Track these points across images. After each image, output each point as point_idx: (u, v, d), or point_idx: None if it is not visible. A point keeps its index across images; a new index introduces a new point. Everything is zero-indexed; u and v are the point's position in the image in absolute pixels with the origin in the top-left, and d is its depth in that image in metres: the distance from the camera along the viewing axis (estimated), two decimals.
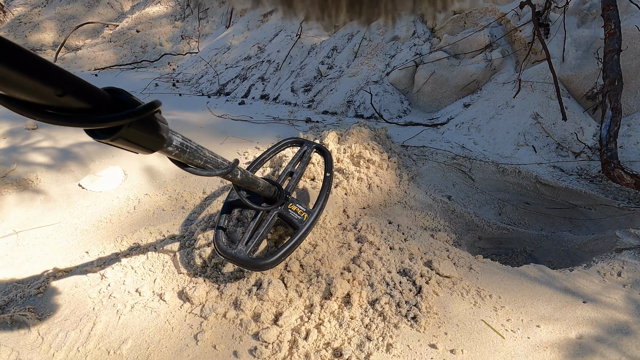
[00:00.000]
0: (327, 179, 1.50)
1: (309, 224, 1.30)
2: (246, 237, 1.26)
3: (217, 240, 1.26)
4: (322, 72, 3.75)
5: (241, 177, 1.02)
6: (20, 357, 1.07)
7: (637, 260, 1.48)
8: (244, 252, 1.20)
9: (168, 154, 0.72)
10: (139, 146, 0.60)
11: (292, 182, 1.49)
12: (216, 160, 0.88)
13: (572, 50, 2.76)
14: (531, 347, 1.08)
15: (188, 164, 0.79)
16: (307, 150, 1.65)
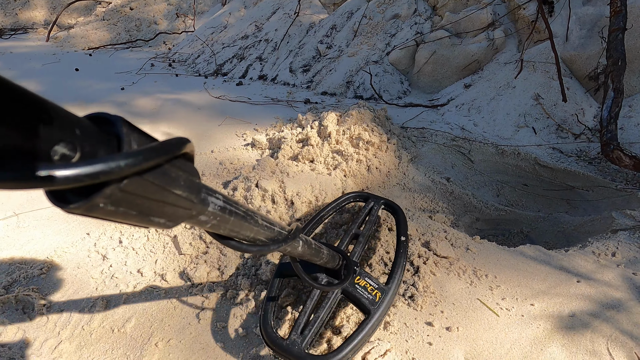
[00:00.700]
0: (402, 244, 1.20)
1: (383, 307, 1.01)
2: (301, 322, 0.98)
3: (265, 323, 0.98)
4: (321, 51, 3.68)
5: (302, 250, 0.76)
6: (26, 336, 1.10)
7: (632, 240, 1.51)
8: (299, 344, 0.93)
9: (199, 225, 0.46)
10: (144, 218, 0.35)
11: (358, 247, 1.19)
12: (273, 228, 0.61)
13: (576, 28, 2.70)
14: (525, 324, 1.11)
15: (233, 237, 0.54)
16: (373, 207, 1.35)
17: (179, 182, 0.36)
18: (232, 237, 0.54)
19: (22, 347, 1.07)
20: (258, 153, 2.11)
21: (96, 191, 0.28)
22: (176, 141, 0.34)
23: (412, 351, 1.03)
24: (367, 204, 1.36)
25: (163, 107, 2.63)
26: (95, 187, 0.28)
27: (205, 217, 0.45)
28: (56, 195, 0.30)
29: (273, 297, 1.06)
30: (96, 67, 4.04)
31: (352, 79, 3.25)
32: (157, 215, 0.36)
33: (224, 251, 1.36)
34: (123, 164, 0.28)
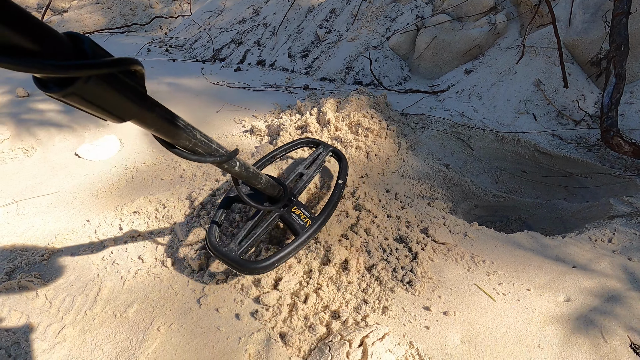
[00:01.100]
0: (339, 185, 1.37)
1: (310, 232, 1.18)
2: (240, 235, 1.16)
3: (210, 236, 1.17)
4: (320, 36, 3.62)
5: (239, 170, 0.91)
6: (30, 320, 1.12)
7: (628, 227, 1.52)
8: (235, 251, 1.11)
9: (146, 127, 0.61)
10: (102, 110, 0.50)
11: (300, 184, 1.37)
12: (210, 145, 0.77)
13: (580, 12, 2.66)
14: (521, 309, 1.13)
15: (175, 144, 0.68)
16: (322, 153, 1.52)
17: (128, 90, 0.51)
18: (175, 145, 0.69)
19: (26, 332, 1.09)
20: (257, 140, 2.10)
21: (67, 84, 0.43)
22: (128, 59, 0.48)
23: (410, 335, 1.06)
24: (317, 150, 1.53)
25: (161, 93, 2.60)
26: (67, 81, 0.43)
27: (151, 120, 0.59)
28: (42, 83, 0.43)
29: (215, 221, 1.23)
30: None
31: (352, 65, 3.21)
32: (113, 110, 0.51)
33: (224, 238, 1.37)
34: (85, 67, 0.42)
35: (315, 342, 1.05)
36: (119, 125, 2.21)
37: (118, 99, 0.50)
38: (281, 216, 1.23)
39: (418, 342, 1.03)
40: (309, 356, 1.01)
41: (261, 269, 1.08)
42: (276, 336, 1.07)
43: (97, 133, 2.15)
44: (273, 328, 1.09)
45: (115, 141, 2.09)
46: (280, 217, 1.23)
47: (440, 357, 1.00)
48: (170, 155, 1.99)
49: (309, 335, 1.06)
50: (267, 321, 1.11)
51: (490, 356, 1.01)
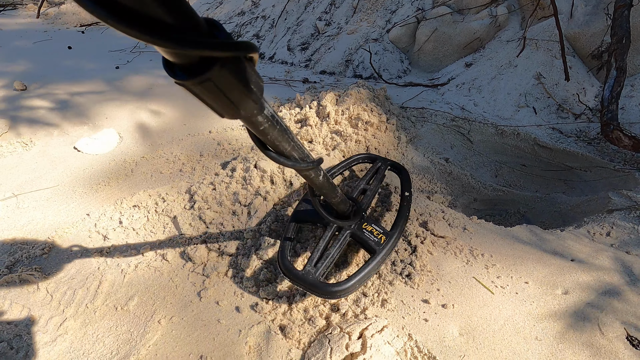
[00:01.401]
0: (406, 198, 1.33)
1: (387, 248, 1.14)
2: (315, 257, 1.10)
3: (283, 257, 1.11)
4: (319, 29, 3.59)
5: (323, 180, 0.87)
6: (31, 313, 1.12)
7: (627, 221, 1.52)
8: (313, 274, 1.05)
9: (254, 126, 0.56)
10: (226, 101, 0.46)
11: (365, 200, 1.32)
12: (303, 150, 0.72)
13: (582, 5, 2.63)
14: (519, 302, 1.14)
15: (271, 146, 0.64)
16: (381, 167, 1.49)
17: (252, 79, 0.47)
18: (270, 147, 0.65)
19: (27, 325, 1.09)
20: None
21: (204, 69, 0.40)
22: (249, 44, 0.42)
23: (409, 327, 1.06)
24: (375, 164, 1.50)
25: (159, 86, 2.59)
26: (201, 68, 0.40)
27: (262, 118, 0.56)
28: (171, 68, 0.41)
29: (289, 237, 1.19)
30: (89, 45, 3.94)
31: (352, 58, 3.19)
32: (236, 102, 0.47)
33: (223, 231, 1.37)
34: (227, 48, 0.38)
35: (315, 335, 1.05)
36: (117, 119, 2.20)
37: (244, 90, 0.46)
38: (353, 234, 1.17)
39: (417, 334, 1.04)
40: (309, 348, 1.02)
41: (343, 292, 1.03)
42: (276, 328, 1.08)
43: (95, 127, 2.15)
44: (273, 321, 1.10)
45: (114, 135, 2.08)
46: (353, 235, 1.17)
47: (439, 349, 1.01)
48: (170, 149, 1.98)
49: (309, 328, 1.07)
50: (267, 314, 1.12)
51: (488, 348, 1.02)
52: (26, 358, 1.01)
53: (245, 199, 1.47)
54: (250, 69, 0.46)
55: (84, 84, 2.59)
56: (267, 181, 1.54)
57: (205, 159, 1.88)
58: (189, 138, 2.07)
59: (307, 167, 0.74)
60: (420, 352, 1.00)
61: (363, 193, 1.37)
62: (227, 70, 0.41)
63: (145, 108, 2.31)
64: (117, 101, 2.38)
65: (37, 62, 3.09)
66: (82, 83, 2.60)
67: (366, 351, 0.95)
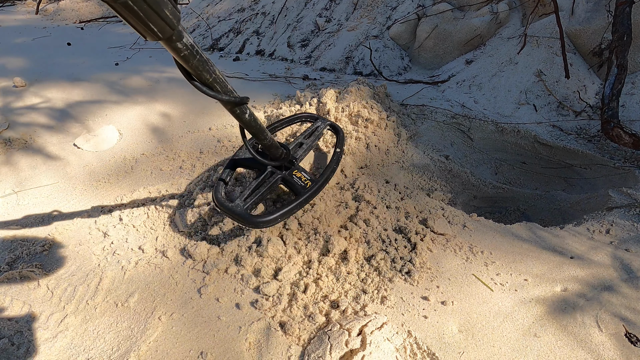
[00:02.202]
0: (337, 154, 1.48)
1: (311, 192, 1.26)
2: (245, 193, 1.24)
3: (217, 193, 1.23)
4: (319, 25, 3.58)
5: (249, 119, 0.96)
6: (32, 310, 1.13)
7: (626, 218, 1.52)
8: (241, 207, 1.18)
9: (176, 52, 0.65)
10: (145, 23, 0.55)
11: (301, 151, 1.47)
12: (226, 84, 0.80)
13: (583, 1, 2.62)
14: (518, 299, 1.14)
15: (195, 76, 0.72)
16: (320, 126, 1.63)
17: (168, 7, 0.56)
18: (195, 78, 0.72)
19: (28, 321, 1.10)
20: None
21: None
22: None
23: (408, 324, 1.07)
24: (315, 122, 1.66)
25: (159, 83, 2.58)
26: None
27: (181, 45, 0.64)
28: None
29: (222, 178, 1.31)
30: (89, 41, 3.93)
31: (352, 55, 3.18)
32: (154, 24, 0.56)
33: (223, 228, 1.38)
34: None
35: (315, 331, 1.06)
36: (117, 116, 2.20)
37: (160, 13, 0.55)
38: (283, 178, 1.31)
39: (416, 331, 1.05)
40: (309, 345, 1.02)
41: (265, 223, 1.13)
42: (276, 325, 1.08)
43: (95, 124, 2.14)
44: (273, 317, 1.10)
45: (114, 132, 2.08)
46: (283, 179, 1.31)
47: (438, 346, 1.01)
48: (170, 146, 1.98)
49: (309, 325, 1.07)
50: (267, 310, 1.12)
51: (487, 345, 1.02)
52: (27, 354, 1.02)
53: None
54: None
55: (83, 80, 2.59)
56: None
57: (205, 156, 1.88)
58: (188, 135, 2.07)
59: (229, 100, 0.81)
60: (419, 348, 1.01)
61: (300, 146, 1.52)
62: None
63: (146, 105, 2.30)
64: (116, 98, 2.37)
65: (37, 58, 3.08)
66: (82, 80, 2.59)
67: (366, 348, 0.96)
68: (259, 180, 1.29)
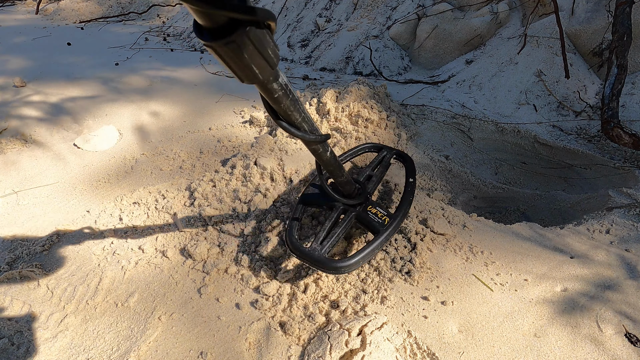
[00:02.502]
0: (411, 184, 1.38)
1: (390, 229, 1.17)
2: (321, 235, 1.15)
3: (290, 235, 1.15)
4: (319, 25, 3.58)
5: (330, 157, 0.91)
6: (32, 310, 1.13)
7: (626, 218, 1.52)
8: (319, 251, 1.10)
9: (269, 92, 0.60)
10: (247, 63, 0.49)
11: (371, 185, 1.38)
12: (312, 123, 0.76)
13: (583, 1, 2.62)
14: (518, 299, 1.14)
15: (283, 116, 0.68)
16: (386, 155, 1.53)
17: (270, 45, 0.51)
18: (283, 117, 0.69)
19: (28, 321, 1.10)
20: (256, 130, 2.09)
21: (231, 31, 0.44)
22: (268, 11, 0.47)
23: (408, 324, 1.07)
24: (381, 153, 1.55)
25: (159, 82, 2.58)
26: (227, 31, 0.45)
27: (277, 86, 0.60)
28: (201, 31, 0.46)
29: (296, 217, 1.23)
30: (89, 41, 3.93)
31: (352, 55, 3.18)
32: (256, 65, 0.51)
33: (223, 228, 1.37)
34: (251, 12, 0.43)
35: (315, 331, 1.06)
36: (117, 116, 2.20)
37: (263, 55, 0.50)
38: (358, 215, 1.21)
39: (416, 331, 1.05)
40: (309, 345, 1.02)
41: (347, 268, 1.07)
42: (276, 325, 1.08)
43: (95, 123, 2.14)
44: (273, 317, 1.10)
45: (114, 132, 2.08)
46: (357, 217, 1.22)
47: (438, 346, 1.01)
48: (170, 146, 1.98)
49: (309, 325, 1.07)
50: (267, 310, 1.12)
51: (487, 345, 1.02)
52: (27, 354, 1.02)
53: (245, 196, 1.47)
54: (269, 36, 0.50)
55: (83, 80, 2.59)
56: (267, 178, 1.54)
57: (205, 156, 1.88)
58: (189, 135, 2.07)
59: (316, 139, 0.78)
60: (419, 348, 1.01)
61: (368, 179, 1.41)
62: (249, 33, 0.45)
63: (146, 105, 2.30)
64: (116, 98, 2.37)
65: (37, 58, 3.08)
66: (82, 80, 2.59)
67: (366, 348, 0.96)
68: (332, 220, 1.19)
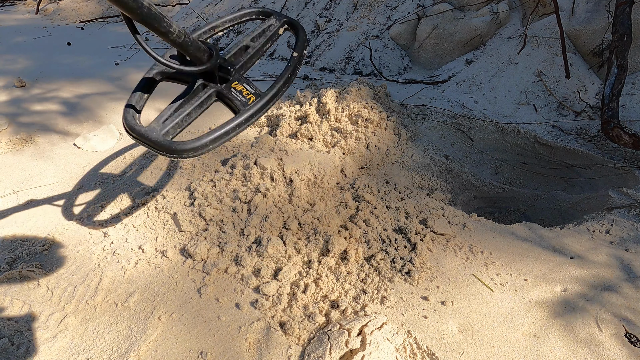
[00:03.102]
0: (293, 59, 1.11)
1: (254, 110, 0.98)
2: (165, 114, 0.97)
3: (126, 117, 0.96)
4: (320, 25, 3.58)
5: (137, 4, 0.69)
6: (32, 310, 1.13)
7: (626, 218, 1.52)
8: (157, 131, 0.92)
9: None
10: None
11: (243, 57, 1.10)
12: None
13: (583, 2, 2.62)
14: (518, 299, 1.14)
15: None
16: (273, 24, 1.20)
17: None
18: None
19: (28, 321, 1.10)
20: (256, 130, 2.09)
21: None
22: None
23: (408, 324, 1.07)
24: (267, 20, 1.22)
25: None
26: None
27: None
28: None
29: (131, 105, 1.01)
30: (89, 41, 3.93)
31: (352, 55, 3.18)
32: None
33: (223, 228, 1.37)
34: None
35: (315, 331, 1.06)
36: (117, 116, 2.20)
37: None
38: (219, 92, 1.02)
39: (416, 331, 1.05)
40: (309, 345, 1.02)
41: (190, 151, 0.90)
42: (276, 325, 1.08)
43: (95, 124, 2.14)
44: (273, 317, 1.10)
45: (114, 132, 2.08)
46: (218, 94, 1.02)
47: (438, 346, 1.01)
48: None
49: (309, 325, 1.07)
50: (267, 310, 1.12)
51: (487, 345, 1.02)
52: (27, 354, 1.02)
53: (245, 196, 1.47)
54: None
55: (83, 80, 2.59)
56: (267, 178, 1.54)
57: (205, 156, 1.88)
58: (189, 135, 2.07)
59: None
60: (419, 348, 1.01)
61: (244, 50, 1.15)
62: None
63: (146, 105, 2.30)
64: (116, 98, 2.37)
65: (37, 58, 3.09)
66: (82, 80, 2.59)
67: (365, 348, 0.96)
68: (184, 97, 1.00)
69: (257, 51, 1.14)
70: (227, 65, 1.03)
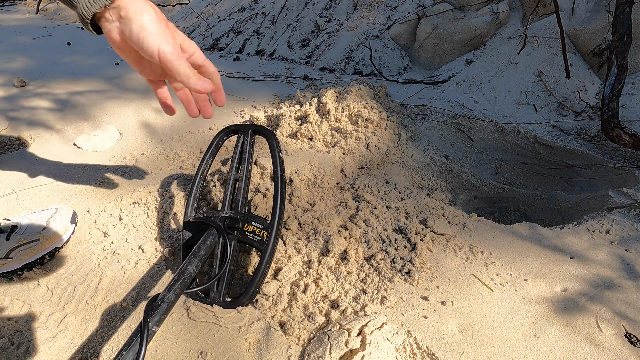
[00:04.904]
0: (279, 179, 1.17)
1: (271, 245, 1.11)
2: (214, 282, 1.12)
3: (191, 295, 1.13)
4: (320, 25, 3.58)
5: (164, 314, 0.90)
6: (32, 310, 1.13)
7: (626, 218, 1.52)
8: (219, 299, 1.10)
9: None
10: None
11: (240, 194, 1.21)
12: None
13: (583, 1, 2.62)
14: (518, 298, 1.14)
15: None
16: (244, 140, 1.27)
17: None
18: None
19: (28, 321, 1.10)
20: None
21: None
22: None
23: (408, 324, 1.07)
24: (238, 139, 1.27)
25: None
26: None
27: None
28: None
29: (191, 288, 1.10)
30: (89, 41, 3.93)
31: (352, 55, 3.18)
32: None
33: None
34: None
35: (315, 331, 1.06)
36: (117, 115, 2.20)
37: None
38: (239, 241, 1.16)
39: (416, 331, 1.05)
40: (309, 345, 1.02)
41: (247, 301, 1.11)
42: (276, 325, 1.08)
43: (95, 123, 2.14)
44: (273, 317, 1.10)
45: (114, 131, 2.08)
46: (240, 242, 1.16)
47: (438, 346, 1.01)
48: (170, 146, 1.98)
49: (309, 325, 1.07)
50: (266, 310, 1.12)
51: (487, 345, 1.02)
52: (27, 354, 1.02)
53: None
54: None
55: (83, 80, 2.59)
56: (267, 178, 1.54)
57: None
58: (189, 135, 2.07)
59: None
60: (419, 348, 1.01)
61: (234, 185, 1.24)
62: None
63: (146, 105, 2.30)
64: (117, 98, 2.37)
65: (37, 58, 3.09)
66: (82, 79, 2.59)
67: (365, 348, 0.96)
68: (218, 259, 1.14)
69: (246, 179, 1.23)
70: (234, 215, 1.17)
